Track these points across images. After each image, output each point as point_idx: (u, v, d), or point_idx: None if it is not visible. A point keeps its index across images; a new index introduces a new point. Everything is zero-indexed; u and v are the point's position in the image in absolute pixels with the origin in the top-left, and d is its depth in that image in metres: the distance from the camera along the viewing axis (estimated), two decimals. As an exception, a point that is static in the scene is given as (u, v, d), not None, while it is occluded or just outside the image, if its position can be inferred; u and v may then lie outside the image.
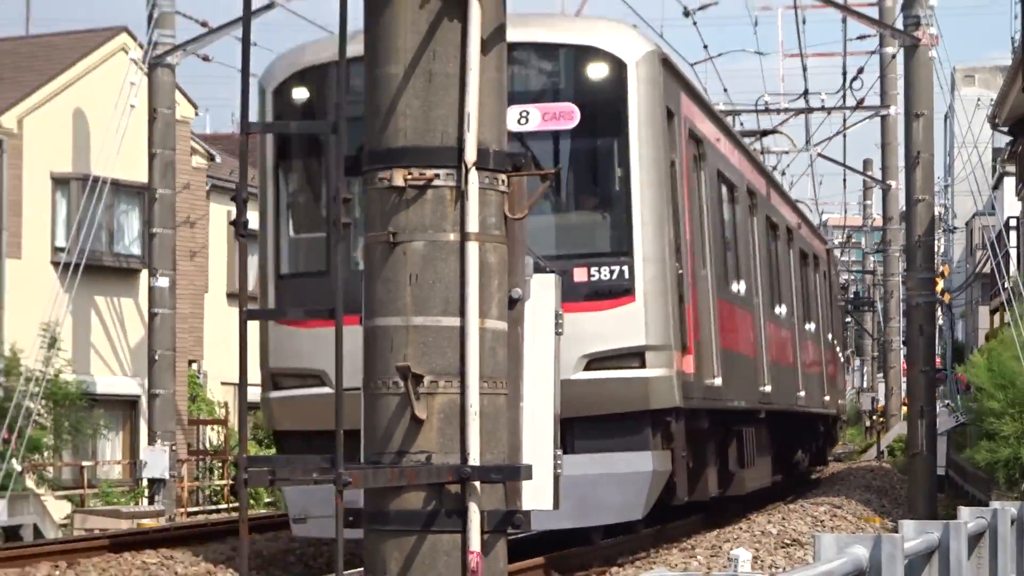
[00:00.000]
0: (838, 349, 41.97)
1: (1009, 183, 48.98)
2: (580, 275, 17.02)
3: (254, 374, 14.74)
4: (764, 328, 25.66)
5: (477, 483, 6.61)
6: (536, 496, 7.11)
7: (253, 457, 8.21)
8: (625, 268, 17.16)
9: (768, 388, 25.82)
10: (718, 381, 20.49)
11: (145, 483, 31.90)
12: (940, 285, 29.49)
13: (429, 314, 6.72)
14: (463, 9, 6.69)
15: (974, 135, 42.04)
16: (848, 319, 54.32)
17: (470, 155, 6.62)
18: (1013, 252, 40.96)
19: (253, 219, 13.24)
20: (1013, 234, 44.08)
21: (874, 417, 58.14)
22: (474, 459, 6.60)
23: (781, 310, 29.38)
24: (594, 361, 16.86)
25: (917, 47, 25.80)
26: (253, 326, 7.05)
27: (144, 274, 33.08)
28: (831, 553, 6.28)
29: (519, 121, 17.13)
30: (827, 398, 34.72)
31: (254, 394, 14.58)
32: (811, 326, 33.50)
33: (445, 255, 6.71)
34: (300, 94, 17.87)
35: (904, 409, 37.74)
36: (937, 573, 7.30)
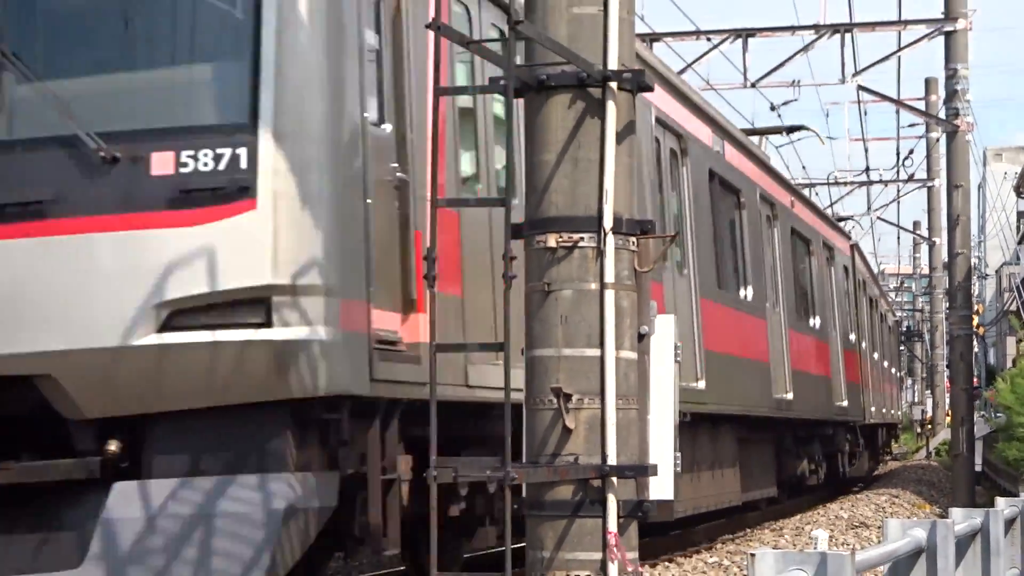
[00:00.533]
0: (876, 355, 34.51)
1: (1034, 238, 50.75)
2: (161, 165, 9.14)
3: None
4: (695, 308, 16.90)
5: (614, 479, 7.05)
6: (659, 489, 7.54)
7: (441, 457, 8.24)
8: (241, 152, 9.05)
9: (700, 385, 17.22)
10: None
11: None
12: (976, 321, 29.43)
13: (576, 347, 7.14)
14: (602, 109, 7.10)
15: (1002, 201, 44.41)
16: (902, 347, 55.23)
17: (607, 223, 7.06)
18: (1035, 294, 42.04)
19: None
20: (1035, 279, 45.68)
21: (924, 425, 60.21)
22: (612, 460, 7.03)
23: (744, 293, 20.85)
24: (181, 313, 9.00)
25: (956, 132, 26.87)
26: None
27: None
28: (897, 535, 6.50)
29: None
30: (845, 403, 26.85)
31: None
32: (815, 321, 25.39)
33: (588, 300, 7.13)
34: None
35: (947, 419, 38.54)
36: (980, 550, 7.62)
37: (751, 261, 21.29)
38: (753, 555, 4.76)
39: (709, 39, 26.08)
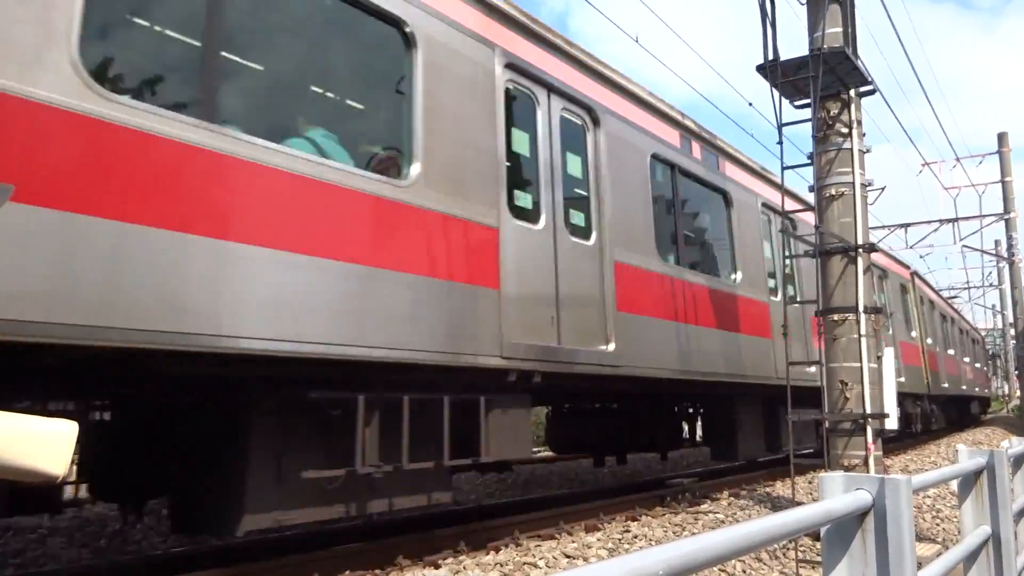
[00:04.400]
0: (951, 352, 24.62)
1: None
2: None
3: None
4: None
5: (869, 419, 7.77)
6: (890, 423, 8.01)
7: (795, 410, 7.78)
8: None
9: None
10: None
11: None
12: None
13: (849, 362, 7.94)
14: (856, 261, 7.99)
15: None
16: (992, 361, 52.24)
17: (861, 308, 7.95)
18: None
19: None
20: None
21: (1003, 397, 65.09)
22: (868, 410, 7.80)
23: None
24: None
25: (1013, 262, 26.15)
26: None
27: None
28: (1016, 443, 6.17)
29: None
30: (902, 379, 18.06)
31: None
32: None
33: (854, 342, 7.90)
34: None
35: (1017, 394, 37.85)
36: None
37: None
38: (958, 448, 4.96)
39: (890, 229, 27.18)
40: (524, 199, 6.84)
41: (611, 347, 7.46)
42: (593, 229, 7.69)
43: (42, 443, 2.55)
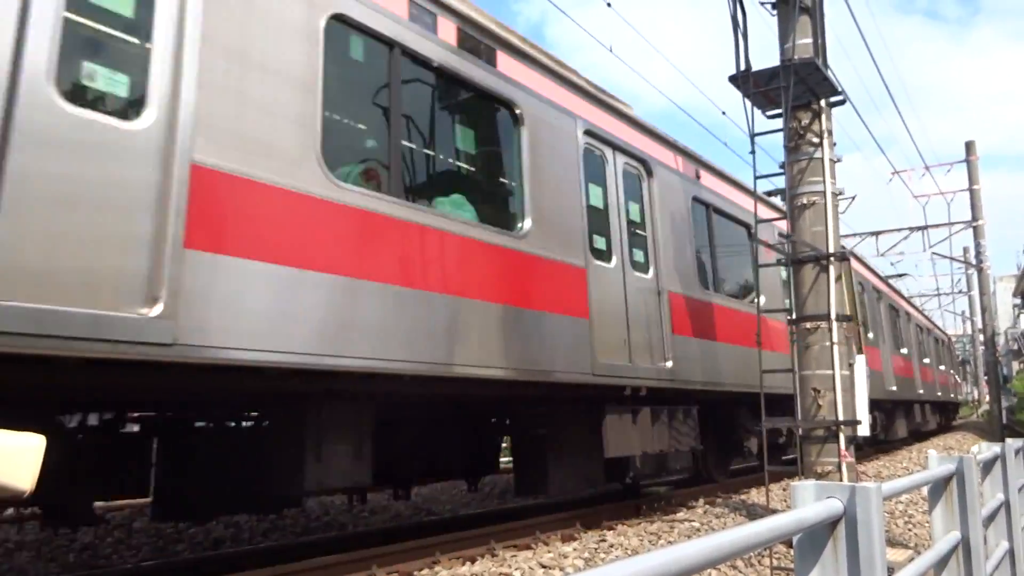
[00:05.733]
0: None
1: (1022, 316, 52.60)
2: None
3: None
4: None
5: (842, 426, 7.76)
6: (862, 430, 8.01)
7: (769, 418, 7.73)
8: None
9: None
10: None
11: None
12: (998, 354, 29.58)
13: (821, 369, 8.00)
14: (827, 269, 8.08)
15: (1007, 301, 46.02)
16: (962, 367, 52.81)
17: (833, 316, 8.02)
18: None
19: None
20: (1025, 336, 48.34)
21: (974, 402, 65.41)
22: (840, 417, 7.86)
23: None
24: None
25: (982, 270, 26.55)
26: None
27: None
28: (985, 450, 6.07)
29: None
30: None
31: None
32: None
33: (826, 350, 7.97)
34: None
35: (987, 398, 39.11)
36: (1021, 459, 8.31)
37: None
38: (928, 454, 4.63)
39: (861, 237, 27.40)
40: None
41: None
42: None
43: (8, 458, 2.45)
